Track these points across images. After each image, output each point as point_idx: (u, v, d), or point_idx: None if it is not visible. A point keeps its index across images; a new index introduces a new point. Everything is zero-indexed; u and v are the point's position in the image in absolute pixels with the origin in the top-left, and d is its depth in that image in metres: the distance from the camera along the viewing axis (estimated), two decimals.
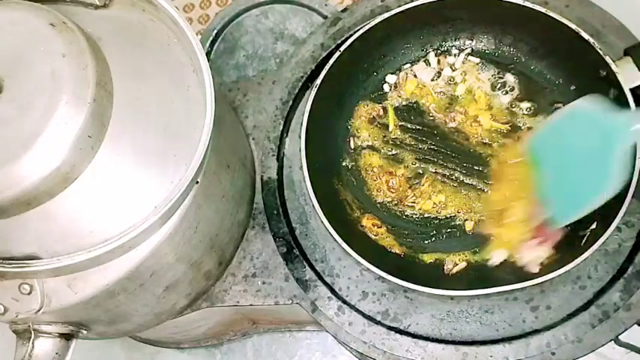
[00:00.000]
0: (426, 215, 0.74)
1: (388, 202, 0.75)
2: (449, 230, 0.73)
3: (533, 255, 0.67)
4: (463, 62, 0.80)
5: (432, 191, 0.74)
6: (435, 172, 0.75)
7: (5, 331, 0.57)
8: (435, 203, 0.74)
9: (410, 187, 0.75)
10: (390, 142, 0.78)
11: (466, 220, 0.73)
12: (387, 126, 0.79)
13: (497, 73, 0.79)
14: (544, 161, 0.64)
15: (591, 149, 0.59)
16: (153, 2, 0.58)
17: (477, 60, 0.80)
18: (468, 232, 0.72)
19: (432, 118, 0.78)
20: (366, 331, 0.67)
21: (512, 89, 0.78)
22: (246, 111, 0.81)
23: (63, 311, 0.55)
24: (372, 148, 0.78)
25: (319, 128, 0.73)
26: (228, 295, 0.72)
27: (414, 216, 0.74)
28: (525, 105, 0.77)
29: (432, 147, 0.77)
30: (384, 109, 0.80)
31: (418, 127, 0.78)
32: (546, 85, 0.77)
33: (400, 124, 0.79)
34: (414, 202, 0.74)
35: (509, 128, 0.76)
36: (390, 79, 0.81)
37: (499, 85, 0.78)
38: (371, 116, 0.80)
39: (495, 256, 0.69)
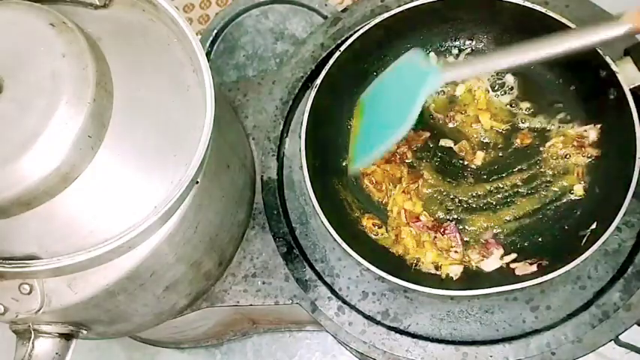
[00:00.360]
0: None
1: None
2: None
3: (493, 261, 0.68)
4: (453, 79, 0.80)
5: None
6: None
7: (5, 331, 0.57)
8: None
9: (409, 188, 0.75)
10: None
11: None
12: None
13: (497, 74, 0.79)
14: (365, 113, 0.65)
15: (404, 94, 0.60)
16: (153, 2, 0.58)
17: (471, 77, 0.80)
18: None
19: (431, 118, 0.79)
20: (366, 331, 0.67)
21: (512, 89, 0.78)
22: (246, 111, 0.81)
23: (63, 311, 0.55)
24: None
25: (319, 128, 0.73)
26: (228, 295, 0.72)
27: None
28: (525, 105, 0.77)
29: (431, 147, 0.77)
30: None
31: (418, 127, 0.78)
32: (546, 85, 0.77)
33: None
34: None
35: (509, 128, 0.76)
36: None
37: (499, 85, 0.78)
38: None
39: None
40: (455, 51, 0.81)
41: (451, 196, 0.74)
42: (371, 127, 0.64)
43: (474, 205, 0.73)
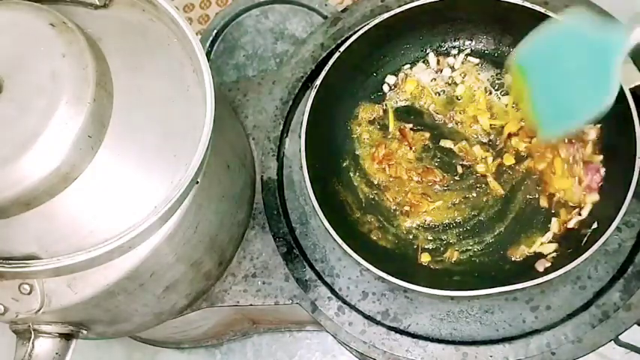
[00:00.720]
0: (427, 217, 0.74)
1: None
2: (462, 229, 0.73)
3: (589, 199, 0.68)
4: (463, 63, 0.80)
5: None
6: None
7: (5, 331, 0.57)
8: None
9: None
10: None
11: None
12: (387, 127, 0.79)
13: (497, 74, 0.79)
14: (532, 73, 0.60)
15: (583, 63, 0.56)
16: (153, 2, 0.58)
17: (477, 60, 0.80)
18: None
19: (431, 118, 0.79)
20: (366, 331, 0.67)
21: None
22: (246, 111, 0.81)
23: (63, 311, 0.55)
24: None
25: (319, 128, 0.73)
26: (228, 295, 0.72)
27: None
28: None
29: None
30: (384, 110, 0.80)
31: (418, 127, 0.78)
32: None
33: (400, 125, 0.79)
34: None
35: None
36: (390, 79, 0.81)
37: (499, 85, 0.78)
38: (371, 117, 0.80)
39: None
40: (454, 51, 0.81)
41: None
42: (550, 95, 0.59)
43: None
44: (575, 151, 0.72)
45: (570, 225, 0.69)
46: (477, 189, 0.74)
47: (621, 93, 0.65)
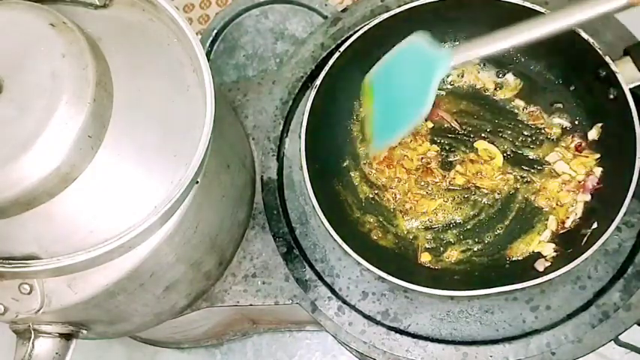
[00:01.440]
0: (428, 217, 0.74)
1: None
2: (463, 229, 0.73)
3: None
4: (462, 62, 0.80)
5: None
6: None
7: (5, 331, 0.57)
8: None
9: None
10: None
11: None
12: None
13: (497, 73, 0.79)
14: (377, 93, 0.65)
15: (415, 77, 0.61)
16: (153, 2, 0.58)
17: (477, 60, 0.80)
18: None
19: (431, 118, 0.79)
20: (366, 331, 0.67)
21: (512, 89, 0.78)
22: (246, 111, 0.81)
23: (63, 311, 0.55)
24: None
25: (319, 128, 0.73)
26: (228, 295, 0.72)
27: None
28: (524, 105, 0.77)
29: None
30: None
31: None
32: (546, 85, 0.77)
33: None
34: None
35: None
36: None
37: (498, 85, 0.78)
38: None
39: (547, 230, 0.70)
40: None
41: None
42: (386, 109, 0.64)
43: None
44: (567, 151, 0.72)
45: (567, 224, 0.69)
46: (477, 189, 0.74)
47: (621, 93, 0.65)
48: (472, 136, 0.76)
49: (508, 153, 0.75)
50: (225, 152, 0.66)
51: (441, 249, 0.72)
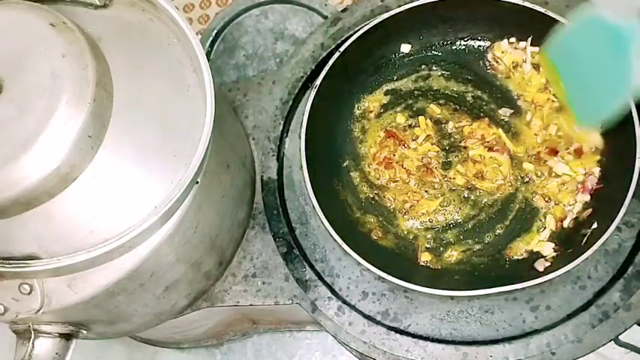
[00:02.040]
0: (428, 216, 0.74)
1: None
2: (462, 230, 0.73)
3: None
4: None
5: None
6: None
7: (5, 331, 0.57)
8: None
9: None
10: None
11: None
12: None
13: None
14: (563, 68, 0.62)
15: (607, 52, 0.57)
16: (153, 2, 0.58)
17: None
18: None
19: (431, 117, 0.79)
20: (366, 331, 0.67)
21: None
22: (246, 111, 0.81)
23: (63, 311, 0.55)
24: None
25: (319, 128, 0.73)
26: (228, 295, 0.72)
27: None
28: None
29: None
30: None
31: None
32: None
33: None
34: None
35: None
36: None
37: None
38: (373, 110, 0.80)
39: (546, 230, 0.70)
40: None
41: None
42: (580, 86, 0.61)
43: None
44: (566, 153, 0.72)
45: (566, 224, 0.69)
46: (477, 189, 0.74)
47: None
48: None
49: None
50: (225, 152, 0.66)
51: (441, 249, 0.72)
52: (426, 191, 0.75)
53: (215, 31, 0.98)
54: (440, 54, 0.81)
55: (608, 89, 0.58)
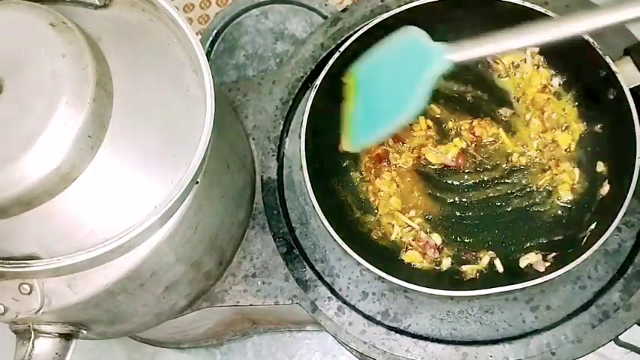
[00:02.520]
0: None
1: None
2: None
3: None
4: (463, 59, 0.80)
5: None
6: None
7: (5, 331, 0.57)
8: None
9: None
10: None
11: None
12: None
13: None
14: (361, 88, 0.63)
15: (406, 74, 0.58)
16: (153, 2, 0.58)
17: (478, 58, 0.80)
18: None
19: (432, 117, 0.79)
20: (366, 331, 0.67)
21: None
22: (246, 111, 0.81)
23: (63, 311, 0.55)
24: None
25: (319, 128, 0.73)
26: (228, 295, 0.72)
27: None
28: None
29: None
30: None
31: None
32: None
33: None
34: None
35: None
36: None
37: None
38: None
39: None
40: None
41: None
42: (369, 106, 0.62)
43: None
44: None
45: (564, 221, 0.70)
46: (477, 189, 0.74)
47: (621, 93, 0.65)
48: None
49: None
50: (225, 152, 0.66)
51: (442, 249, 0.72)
52: (425, 192, 0.75)
53: (215, 31, 0.98)
54: None
55: (391, 110, 0.59)
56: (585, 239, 0.65)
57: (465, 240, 0.72)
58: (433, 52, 0.56)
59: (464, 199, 0.74)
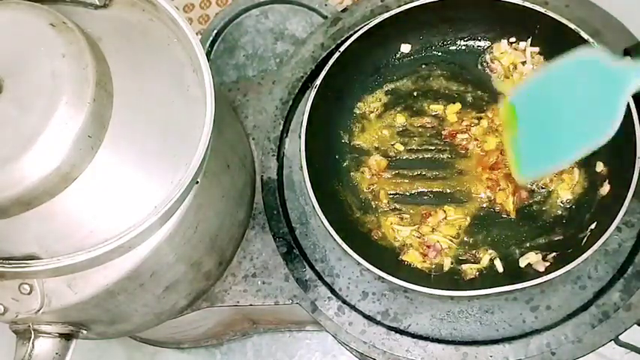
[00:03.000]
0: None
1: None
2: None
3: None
4: None
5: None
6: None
7: (5, 331, 0.57)
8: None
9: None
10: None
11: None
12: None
13: None
14: (522, 116, 0.61)
15: (586, 98, 0.56)
16: (153, 2, 0.58)
17: None
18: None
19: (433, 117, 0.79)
20: (366, 331, 0.67)
21: None
22: (246, 111, 0.81)
23: (63, 311, 0.55)
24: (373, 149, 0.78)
25: (319, 128, 0.73)
26: (228, 295, 0.72)
27: None
28: None
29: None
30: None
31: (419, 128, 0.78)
32: None
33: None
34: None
35: None
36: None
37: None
38: (372, 111, 0.80)
39: None
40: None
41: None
42: (537, 133, 0.59)
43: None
44: None
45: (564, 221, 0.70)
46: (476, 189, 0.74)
47: None
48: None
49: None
50: (225, 152, 0.66)
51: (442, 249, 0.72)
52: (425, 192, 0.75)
53: (215, 31, 0.98)
54: (440, 54, 0.81)
55: (572, 136, 0.56)
56: (585, 239, 0.65)
57: (465, 240, 0.72)
58: (625, 71, 0.54)
59: None
